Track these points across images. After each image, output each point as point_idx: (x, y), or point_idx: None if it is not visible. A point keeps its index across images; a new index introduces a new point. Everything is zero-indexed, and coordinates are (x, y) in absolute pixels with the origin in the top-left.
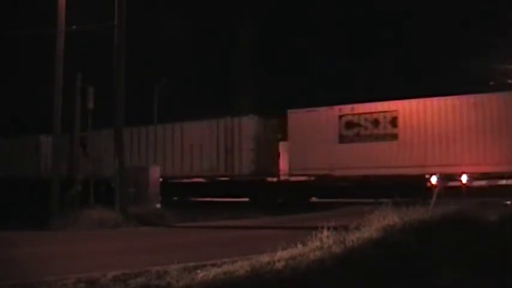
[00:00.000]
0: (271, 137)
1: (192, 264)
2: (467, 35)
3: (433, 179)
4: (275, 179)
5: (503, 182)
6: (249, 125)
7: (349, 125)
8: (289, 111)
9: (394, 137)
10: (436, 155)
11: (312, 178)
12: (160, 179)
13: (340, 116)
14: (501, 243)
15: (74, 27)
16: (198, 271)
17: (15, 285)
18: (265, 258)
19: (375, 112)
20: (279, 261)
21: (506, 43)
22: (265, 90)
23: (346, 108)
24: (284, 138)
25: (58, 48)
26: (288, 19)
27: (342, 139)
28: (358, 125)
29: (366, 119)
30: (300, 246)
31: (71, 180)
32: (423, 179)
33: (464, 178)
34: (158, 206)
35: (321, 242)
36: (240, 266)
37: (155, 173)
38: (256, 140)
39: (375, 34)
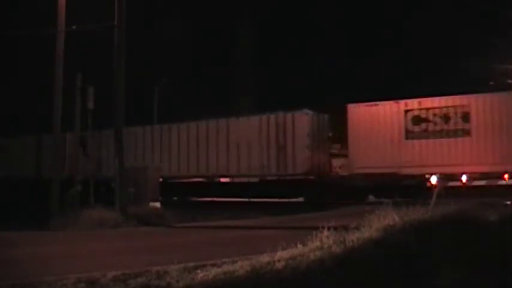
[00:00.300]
0: (323, 134)
1: (192, 264)
2: (467, 35)
3: (433, 179)
4: (329, 178)
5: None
6: (303, 120)
7: (417, 120)
8: (349, 105)
9: (467, 132)
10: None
11: (372, 177)
12: (202, 179)
13: (406, 111)
14: (501, 243)
15: (74, 27)
16: (198, 271)
17: (15, 285)
18: (265, 258)
19: (444, 107)
20: (279, 261)
21: (506, 43)
22: (265, 90)
23: (413, 103)
24: (335, 135)
25: (58, 48)
26: (288, 19)
27: (409, 135)
28: (427, 120)
29: (434, 114)
30: (300, 246)
31: (71, 180)
32: (499, 176)
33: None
34: (158, 205)
35: (321, 242)
36: (240, 266)
37: (155, 173)
38: (311, 136)
39: (375, 34)
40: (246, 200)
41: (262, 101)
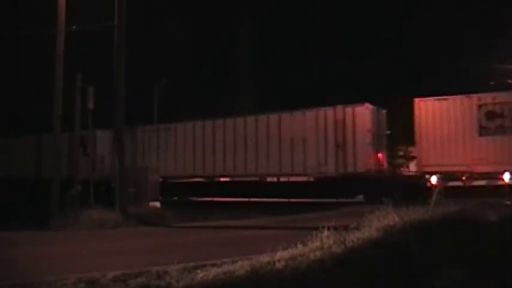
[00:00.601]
0: (382, 130)
1: (192, 264)
2: (467, 35)
3: (433, 179)
4: (394, 176)
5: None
6: (364, 115)
7: (491, 115)
8: (416, 99)
9: None
10: None
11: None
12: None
13: (480, 106)
14: (501, 243)
15: (74, 27)
16: (198, 271)
17: (15, 285)
18: (265, 258)
19: None
20: (279, 261)
21: (506, 43)
22: (265, 90)
23: (487, 97)
24: (392, 132)
25: (58, 48)
26: (288, 19)
27: (482, 131)
28: (502, 115)
29: (510, 109)
30: (300, 246)
31: (71, 180)
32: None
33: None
34: (158, 205)
35: (321, 242)
36: (240, 266)
37: (155, 173)
38: (372, 132)
39: (375, 34)
40: (247, 200)
41: (262, 101)
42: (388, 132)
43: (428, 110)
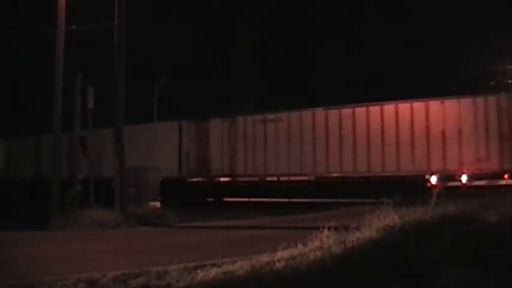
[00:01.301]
0: None
1: (192, 264)
2: (467, 35)
3: (433, 179)
4: None
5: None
6: None
7: None
8: None
9: None
10: None
11: None
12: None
13: None
14: (501, 243)
15: (74, 27)
16: (198, 271)
17: (15, 285)
18: (265, 258)
19: None
20: (279, 261)
21: (505, 43)
22: (265, 90)
23: None
24: None
25: (58, 48)
26: (288, 19)
27: None
28: None
29: None
30: (300, 246)
31: (71, 180)
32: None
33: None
34: (158, 205)
35: (321, 242)
36: (240, 266)
37: (155, 173)
38: None
39: (374, 34)
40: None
41: (262, 101)
42: None
43: None
